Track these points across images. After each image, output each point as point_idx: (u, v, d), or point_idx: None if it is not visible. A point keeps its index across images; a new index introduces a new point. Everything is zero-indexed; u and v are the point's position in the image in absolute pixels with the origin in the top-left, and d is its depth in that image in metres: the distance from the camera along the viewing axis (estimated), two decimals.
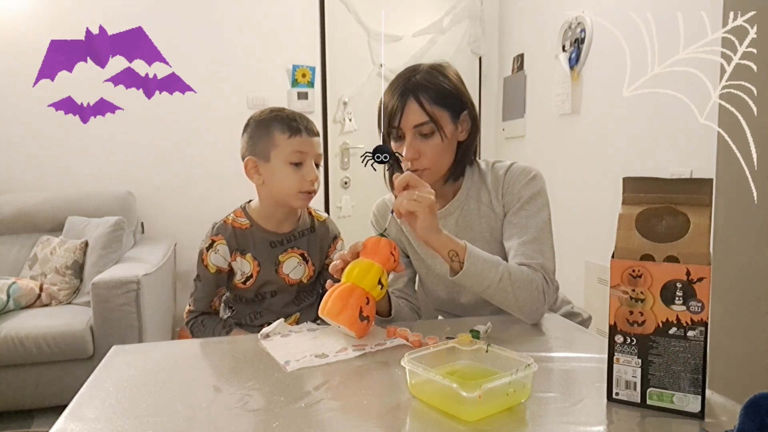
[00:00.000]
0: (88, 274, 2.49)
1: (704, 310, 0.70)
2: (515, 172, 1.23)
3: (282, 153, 1.24)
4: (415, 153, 1.17)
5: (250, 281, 1.30)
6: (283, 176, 1.24)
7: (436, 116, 1.17)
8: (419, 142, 1.17)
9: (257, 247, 1.30)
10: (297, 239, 1.33)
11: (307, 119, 1.28)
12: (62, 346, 2.17)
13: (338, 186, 3.36)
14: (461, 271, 1.06)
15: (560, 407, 0.76)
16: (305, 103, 3.19)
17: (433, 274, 1.30)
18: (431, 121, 1.16)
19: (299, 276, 1.33)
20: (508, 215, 1.21)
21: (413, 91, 1.17)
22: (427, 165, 1.18)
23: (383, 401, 0.79)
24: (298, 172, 1.24)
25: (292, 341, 1.04)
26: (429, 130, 1.17)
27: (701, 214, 0.73)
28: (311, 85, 3.21)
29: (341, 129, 3.32)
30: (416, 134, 1.17)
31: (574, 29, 2.63)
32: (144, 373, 0.92)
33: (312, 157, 1.26)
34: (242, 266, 1.30)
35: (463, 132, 1.23)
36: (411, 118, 1.17)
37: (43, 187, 2.91)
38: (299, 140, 1.24)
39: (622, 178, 0.80)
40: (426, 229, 1.05)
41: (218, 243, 1.28)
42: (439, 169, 1.21)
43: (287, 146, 1.23)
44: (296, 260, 1.32)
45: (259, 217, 1.32)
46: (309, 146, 1.25)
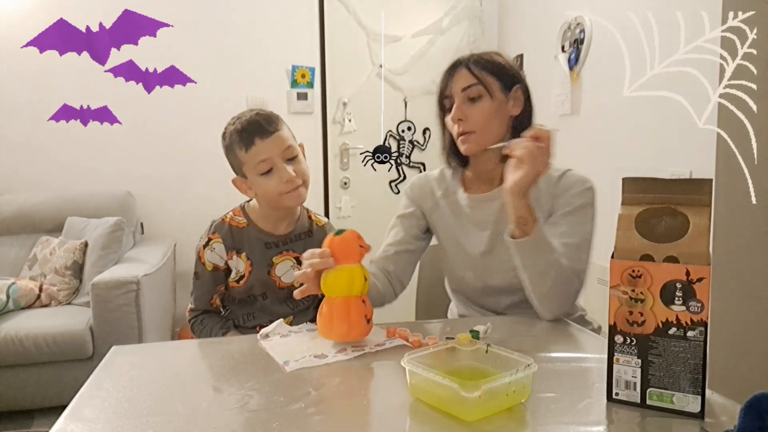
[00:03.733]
0: (88, 275, 2.49)
1: (704, 310, 0.70)
2: (572, 179, 1.23)
3: (249, 167, 1.23)
4: (461, 114, 1.20)
5: (243, 281, 1.30)
6: (263, 187, 1.24)
7: (485, 81, 1.20)
8: (466, 106, 1.21)
9: (252, 247, 1.30)
10: (293, 242, 1.33)
11: (259, 122, 1.22)
12: (62, 347, 2.17)
13: (338, 186, 3.36)
14: (524, 239, 1.08)
15: (560, 407, 0.76)
16: (305, 104, 3.19)
17: (463, 253, 1.29)
18: (479, 83, 1.20)
19: (291, 280, 1.32)
20: (555, 216, 1.21)
21: (464, 62, 1.23)
22: (473, 128, 1.20)
23: (383, 401, 0.79)
24: (271, 178, 1.22)
25: (291, 341, 1.04)
26: (476, 93, 1.20)
27: (701, 214, 0.73)
28: (311, 85, 3.21)
29: (341, 129, 3.32)
30: (464, 99, 1.21)
31: (574, 30, 2.63)
32: (144, 373, 0.92)
33: (278, 157, 1.22)
34: (237, 265, 1.30)
35: (516, 107, 1.24)
36: (459, 81, 1.21)
37: (43, 188, 2.91)
38: (255, 150, 1.21)
39: (622, 178, 0.80)
40: (519, 183, 1.05)
41: (214, 241, 1.29)
42: (487, 135, 1.21)
43: (249, 160, 1.22)
44: (290, 263, 1.32)
45: (257, 216, 1.32)
46: (268, 150, 1.21)
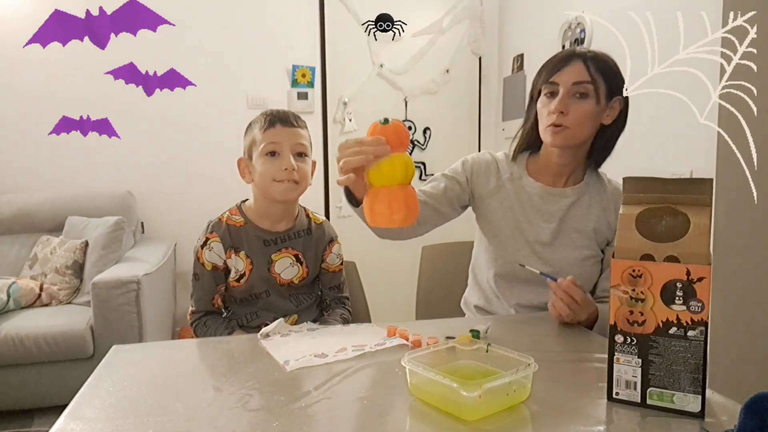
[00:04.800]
0: (88, 274, 2.49)
1: (704, 309, 0.70)
2: None
3: (259, 147, 1.26)
4: (564, 107, 1.20)
5: (243, 279, 1.30)
6: (261, 169, 1.26)
7: (596, 82, 1.20)
8: (571, 101, 1.20)
9: (251, 245, 1.30)
10: (292, 239, 1.33)
11: (287, 113, 1.29)
12: (62, 346, 2.17)
13: (338, 186, 3.35)
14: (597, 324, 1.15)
15: (560, 407, 0.76)
16: (305, 103, 3.19)
17: (523, 238, 1.29)
18: (591, 82, 1.20)
19: (291, 276, 1.32)
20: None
21: (581, 55, 1.22)
22: (569, 124, 1.21)
23: (383, 401, 0.79)
24: (273, 162, 1.24)
25: (291, 341, 1.04)
26: (585, 90, 1.20)
27: (701, 214, 0.73)
28: (311, 85, 3.21)
29: (341, 129, 3.32)
30: (571, 92, 1.20)
31: (574, 29, 2.63)
32: (144, 373, 0.92)
33: (288, 147, 1.26)
34: (236, 264, 1.30)
35: (609, 117, 1.25)
36: (572, 74, 1.21)
37: (43, 187, 2.91)
38: (272, 131, 1.25)
39: (622, 178, 0.80)
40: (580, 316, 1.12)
41: (212, 240, 1.29)
42: (577, 136, 1.23)
43: (262, 140, 1.25)
44: (289, 260, 1.32)
45: (253, 215, 1.32)
46: (283, 136, 1.25)
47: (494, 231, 1.33)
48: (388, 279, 3.21)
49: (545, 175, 1.32)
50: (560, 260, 1.27)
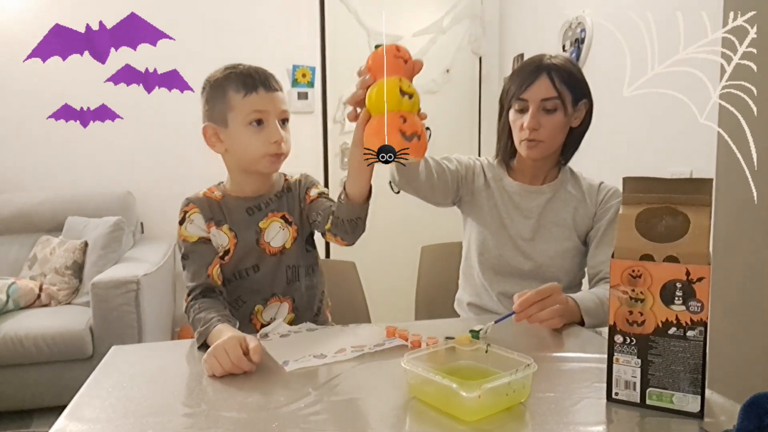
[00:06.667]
0: (88, 275, 2.49)
1: (704, 310, 0.70)
2: (612, 189, 1.36)
3: (239, 115, 1.14)
4: (536, 124, 1.27)
5: (228, 256, 1.19)
6: (244, 140, 1.15)
7: (563, 95, 1.26)
8: (542, 116, 1.27)
9: (233, 217, 1.20)
10: (275, 201, 1.24)
11: (266, 73, 1.17)
12: (62, 346, 2.17)
13: (338, 186, 3.36)
14: (588, 323, 1.15)
15: (560, 407, 0.76)
16: (305, 103, 3.18)
17: (506, 234, 1.36)
18: (558, 98, 1.26)
19: (282, 242, 1.22)
20: (603, 221, 1.32)
21: (547, 69, 1.27)
22: (544, 138, 1.28)
23: (383, 401, 0.79)
24: (260, 133, 1.13)
25: (290, 341, 1.04)
26: (553, 106, 1.26)
27: (701, 214, 0.73)
28: (311, 85, 3.21)
29: (341, 129, 3.31)
30: (540, 108, 1.27)
31: (575, 29, 2.63)
32: (144, 373, 0.92)
33: (274, 115, 1.15)
34: (219, 239, 1.19)
35: (577, 119, 1.33)
36: (540, 91, 1.26)
37: (42, 187, 2.90)
38: (256, 98, 1.13)
39: (622, 178, 0.80)
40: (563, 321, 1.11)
41: (192, 213, 1.19)
42: (551, 146, 1.31)
43: (244, 107, 1.13)
44: (278, 225, 1.22)
45: (231, 189, 1.24)
46: (269, 103, 1.14)
47: (482, 224, 1.39)
48: (388, 279, 3.21)
49: (524, 175, 1.40)
50: (541, 254, 1.34)
